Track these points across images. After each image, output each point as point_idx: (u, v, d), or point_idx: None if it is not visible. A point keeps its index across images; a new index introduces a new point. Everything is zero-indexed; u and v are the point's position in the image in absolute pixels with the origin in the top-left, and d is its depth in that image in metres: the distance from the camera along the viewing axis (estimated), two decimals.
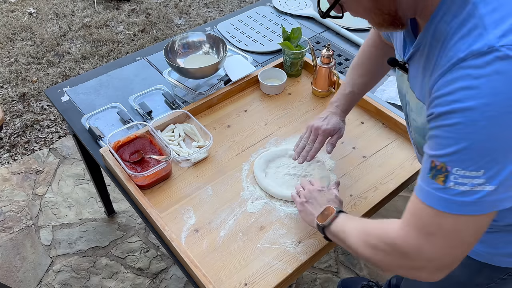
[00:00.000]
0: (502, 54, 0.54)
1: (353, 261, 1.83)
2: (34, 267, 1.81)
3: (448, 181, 0.59)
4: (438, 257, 0.65)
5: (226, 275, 1.00)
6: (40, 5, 3.27)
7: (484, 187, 0.58)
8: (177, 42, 1.47)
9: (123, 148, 1.22)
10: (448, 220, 0.61)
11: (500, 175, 0.57)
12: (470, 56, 0.56)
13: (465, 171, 0.58)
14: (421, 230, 0.65)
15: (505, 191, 0.59)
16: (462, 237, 0.63)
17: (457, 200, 0.60)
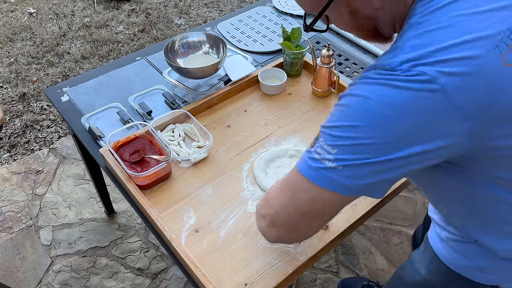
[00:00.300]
0: (394, 74, 0.60)
1: (353, 261, 1.83)
2: (34, 267, 1.81)
3: (313, 147, 0.67)
4: (281, 209, 0.73)
5: (226, 275, 1.00)
6: (40, 5, 3.27)
7: (329, 163, 0.64)
8: (177, 42, 1.47)
9: (123, 148, 1.22)
10: (296, 176, 0.69)
11: (349, 161, 0.63)
12: (379, 68, 0.63)
13: (325, 144, 0.65)
14: (283, 180, 0.73)
15: (347, 177, 0.64)
16: (297, 198, 0.69)
17: (306, 162, 0.67)
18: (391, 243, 1.89)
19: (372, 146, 0.61)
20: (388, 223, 1.96)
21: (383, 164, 0.62)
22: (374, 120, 0.60)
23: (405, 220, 1.97)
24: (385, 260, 1.83)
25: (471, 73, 0.58)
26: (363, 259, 1.84)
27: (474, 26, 0.59)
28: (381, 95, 0.60)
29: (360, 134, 0.61)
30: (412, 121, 0.59)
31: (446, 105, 0.58)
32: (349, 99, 0.64)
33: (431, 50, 0.59)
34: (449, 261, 0.91)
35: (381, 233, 1.93)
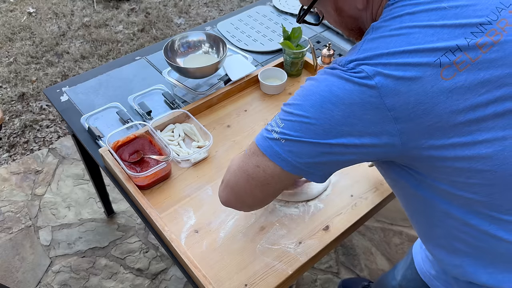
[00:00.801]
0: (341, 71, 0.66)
1: (354, 261, 1.83)
2: (33, 267, 1.80)
3: (272, 120, 0.74)
4: (232, 171, 0.79)
5: (226, 275, 1.00)
6: (39, 4, 3.26)
7: (276, 134, 0.70)
8: (177, 42, 1.47)
9: (122, 148, 1.21)
10: (251, 145, 0.75)
11: (290, 137, 0.68)
12: (337, 62, 0.69)
13: (278, 118, 0.72)
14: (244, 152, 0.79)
15: (288, 152, 0.69)
16: (247, 163, 0.75)
17: (261, 132, 0.74)
18: (392, 244, 1.88)
19: (310, 127, 0.66)
20: (388, 224, 1.95)
21: (318, 147, 0.67)
22: (316, 102, 0.66)
23: (406, 220, 1.96)
24: (386, 260, 1.83)
25: (406, 79, 0.61)
26: (364, 259, 1.84)
27: (421, 38, 0.63)
28: (328, 82, 0.66)
29: (303, 113, 0.67)
30: (347, 110, 0.64)
31: (379, 102, 0.62)
32: (307, 82, 0.71)
33: (376, 53, 0.64)
34: (421, 270, 0.93)
35: (382, 233, 1.92)
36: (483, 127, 0.63)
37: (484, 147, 0.63)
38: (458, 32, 0.63)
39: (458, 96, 0.61)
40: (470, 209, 0.69)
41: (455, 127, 0.62)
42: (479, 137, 0.63)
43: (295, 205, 1.13)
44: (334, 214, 1.11)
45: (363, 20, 0.76)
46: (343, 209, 1.12)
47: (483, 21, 0.64)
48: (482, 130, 0.63)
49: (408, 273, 0.98)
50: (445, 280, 0.86)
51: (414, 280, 0.95)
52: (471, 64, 0.62)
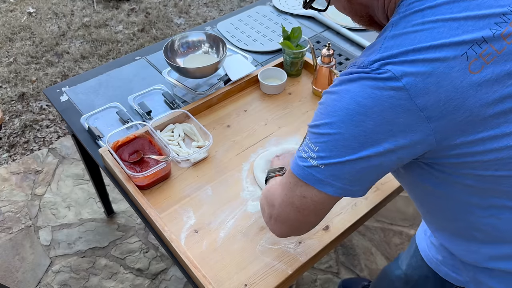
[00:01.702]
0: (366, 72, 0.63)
1: (354, 261, 1.83)
2: (33, 267, 1.80)
3: (301, 145, 0.71)
4: (278, 206, 0.77)
5: (226, 275, 1.00)
6: (39, 4, 3.26)
7: (313, 161, 0.68)
8: (177, 42, 1.47)
9: (122, 148, 1.21)
10: (290, 175, 0.73)
11: (329, 160, 0.66)
12: (357, 64, 0.66)
13: (309, 142, 0.69)
14: (282, 179, 0.78)
15: (332, 177, 0.67)
16: (292, 196, 0.73)
17: (296, 161, 0.71)
18: (392, 244, 1.88)
19: (346, 143, 0.64)
20: (388, 224, 1.95)
21: (358, 162, 0.65)
22: (345, 117, 0.64)
23: (406, 220, 1.96)
24: (386, 260, 1.83)
25: (434, 75, 0.60)
26: (364, 259, 1.84)
27: (446, 32, 0.61)
28: (352, 92, 0.63)
29: (335, 130, 0.65)
30: (379, 118, 0.62)
31: (409, 104, 0.60)
32: (327, 97, 0.68)
33: (401, 51, 0.62)
34: (427, 256, 0.93)
35: (382, 233, 1.92)
36: (510, 119, 0.62)
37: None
38: (482, 24, 0.61)
39: (486, 89, 0.61)
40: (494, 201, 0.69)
41: (484, 121, 0.62)
42: (507, 129, 0.63)
43: None
44: (334, 214, 1.11)
45: (373, 8, 0.74)
46: (343, 209, 1.12)
47: (505, 10, 0.62)
48: (509, 121, 0.62)
49: (413, 261, 0.98)
50: (452, 265, 0.87)
51: (419, 268, 0.96)
52: (497, 56, 0.61)
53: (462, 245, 0.81)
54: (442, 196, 0.73)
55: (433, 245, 0.91)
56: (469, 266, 0.83)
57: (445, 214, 0.78)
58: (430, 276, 0.93)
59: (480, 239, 0.77)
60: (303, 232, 0.80)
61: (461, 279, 0.87)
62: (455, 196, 0.72)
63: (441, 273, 0.90)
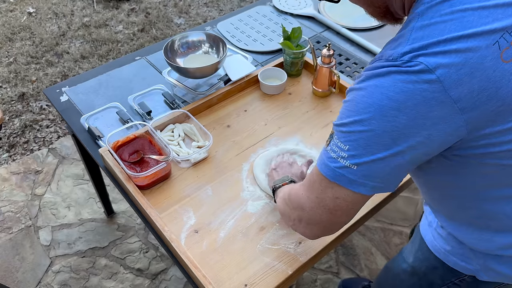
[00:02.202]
0: (396, 65, 0.61)
1: (354, 261, 1.83)
2: (33, 267, 1.80)
3: (329, 145, 0.69)
4: (308, 209, 0.75)
5: (226, 275, 0.99)
6: (39, 4, 3.26)
7: (344, 161, 0.66)
8: (177, 42, 1.47)
9: (122, 148, 1.21)
10: (318, 177, 0.71)
11: (361, 158, 0.64)
12: (384, 58, 0.64)
13: (338, 141, 0.67)
14: (306, 182, 0.76)
15: (364, 177, 0.66)
16: (323, 198, 0.71)
17: (325, 161, 0.69)
18: (392, 244, 1.88)
19: (378, 139, 0.63)
20: (388, 224, 1.95)
21: (391, 159, 0.64)
22: (377, 113, 0.62)
23: (406, 220, 1.96)
24: (386, 260, 1.83)
25: (467, 66, 0.59)
26: (364, 259, 1.84)
27: (476, 21, 0.60)
28: (383, 87, 0.62)
29: (366, 127, 0.63)
30: (412, 112, 0.60)
31: (443, 96, 0.59)
32: (355, 93, 0.66)
33: (432, 41, 0.60)
34: (434, 247, 0.93)
35: (382, 233, 1.92)
36: None
37: None
38: (511, 11, 0.61)
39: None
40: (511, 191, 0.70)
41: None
42: None
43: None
44: None
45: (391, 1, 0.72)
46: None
47: None
48: None
49: (419, 254, 0.98)
50: (461, 254, 0.88)
51: (427, 259, 0.96)
52: None
53: (474, 233, 0.81)
54: (460, 186, 0.74)
55: (440, 236, 0.92)
56: (480, 254, 0.84)
57: (460, 204, 0.78)
58: (438, 266, 0.93)
59: (494, 228, 0.78)
60: (334, 232, 0.79)
61: (471, 268, 0.88)
62: (473, 186, 0.72)
63: (450, 263, 0.90)
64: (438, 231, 0.92)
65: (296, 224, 0.82)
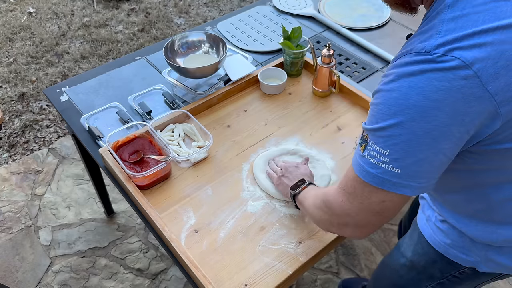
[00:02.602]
0: (430, 59, 0.60)
1: (354, 261, 1.83)
2: (33, 267, 1.80)
3: (365, 150, 0.68)
4: (355, 215, 0.74)
5: (226, 275, 1.00)
6: (39, 4, 3.26)
7: (386, 165, 0.65)
8: (177, 42, 1.47)
9: (122, 148, 1.21)
10: (359, 184, 0.70)
11: (404, 161, 0.64)
12: (413, 52, 0.62)
13: (377, 146, 0.66)
14: (344, 188, 0.75)
15: (409, 178, 0.65)
16: (370, 204, 0.71)
17: (366, 169, 0.68)
18: (392, 243, 1.88)
19: (420, 140, 0.62)
20: (388, 224, 1.95)
21: (434, 158, 0.64)
22: (415, 115, 0.61)
23: None
24: None
25: (503, 58, 0.58)
26: (364, 259, 1.84)
27: (510, 11, 0.59)
28: (418, 87, 0.60)
29: (405, 130, 0.62)
30: (451, 110, 0.60)
31: (482, 91, 0.59)
32: (386, 95, 0.64)
33: (466, 33, 0.59)
34: (434, 241, 0.94)
35: (382, 233, 1.92)
36: None
37: None
38: None
39: None
40: None
41: None
42: None
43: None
44: None
45: None
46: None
47: None
48: None
49: (418, 248, 0.99)
50: (461, 247, 0.88)
51: (426, 253, 0.96)
52: None
53: (478, 226, 0.82)
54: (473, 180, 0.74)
55: (440, 230, 0.92)
56: (481, 246, 0.85)
57: (467, 198, 0.79)
58: (438, 260, 0.94)
59: (498, 221, 0.79)
60: (381, 226, 0.80)
61: (471, 260, 0.89)
62: (486, 179, 0.73)
63: (450, 256, 0.91)
64: (438, 225, 0.93)
65: (342, 229, 0.81)
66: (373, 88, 1.47)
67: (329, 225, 0.83)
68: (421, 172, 0.65)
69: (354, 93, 1.39)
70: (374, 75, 1.55)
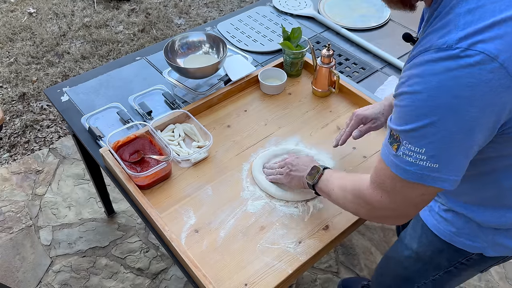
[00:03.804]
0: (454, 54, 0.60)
1: (353, 261, 1.83)
2: (34, 267, 1.80)
3: (399, 150, 0.69)
4: (396, 208, 0.77)
5: (226, 275, 1.00)
6: (40, 5, 3.27)
7: (424, 162, 0.67)
8: (177, 42, 1.47)
9: (123, 148, 1.22)
10: (398, 181, 0.72)
11: (441, 157, 0.65)
12: (433, 48, 0.62)
13: (411, 146, 0.67)
14: (381, 186, 0.77)
15: (448, 172, 0.67)
16: (410, 198, 0.73)
17: (404, 168, 0.69)
18: (392, 243, 1.89)
19: (455, 136, 0.63)
20: None
21: (468, 151, 0.66)
22: (447, 113, 0.62)
23: None
24: None
25: None
26: (363, 259, 1.84)
27: None
28: (446, 87, 0.61)
29: (438, 128, 0.63)
30: (482, 104, 0.61)
31: (509, 81, 0.60)
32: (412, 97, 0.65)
33: (486, 24, 0.60)
34: (439, 230, 0.95)
35: (382, 233, 1.93)
36: None
37: None
38: None
39: None
40: None
41: None
42: None
43: (295, 205, 1.14)
44: (334, 213, 1.12)
45: None
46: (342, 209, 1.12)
47: None
48: None
49: (423, 239, 0.99)
50: (468, 234, 0.90)
51: (431, 243, 0.97)
52: None
53: (486, 212, 0.84)
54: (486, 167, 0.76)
55: (444, 219, 0.93)
56: (488, 230, 0.87)
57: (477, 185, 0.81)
58: (444, 249, 0.95)
59: (508, 205, 0.81)
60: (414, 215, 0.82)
61: (478, 245, 0.90)
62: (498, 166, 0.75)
63: (457, 244, 0.92)
64: (441, 214, 0.94)
65: (383, 220, 0.85)
66: (373, 88, 1.48)
67: (368, 217, 0.87)
68: (457, 165, 0.67)
69: (354, 93, 1.39)
70: (373, 75, 1.55)
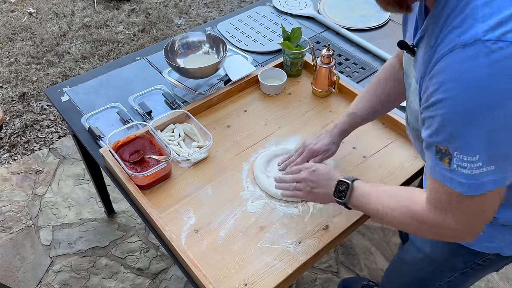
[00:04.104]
0: (484, 48, 0.59)
1: (354, 261, 1.83)
2: (34, 267, 1.80)
3: (452, 163, 0.66)
4: (462, 227, 0.73)
5: (226, 275, 1.00)
6: (40, 5, 3.27)
7: (482, 169, 0.64)
8: (177, 42, 1.47)
9: (123, 148, 1.22)
10: (460, 199, 0.69)
11: (495, 156, 0.64)
12: (458, 47, 0.61)
13: (463, 156, 0.65)
14: (440, 206, 0.73)
15: (503, 171, 0.65)
16: (476, 211, 0.70)
17: (462, 182, 0.66)
18: (391, 243, 1.89)
19: (501, 134, 0.62)
20: None
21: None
22: (489, 113, 0.61)
23: None
24: (385, 260, 1.83)
25: None
26: (363, 259, 1.84)
27: None
28: (483, 86, 0.60)
29: (486, 130, 0.62)
30: None
31: None
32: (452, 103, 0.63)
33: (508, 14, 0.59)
34: None
35: (381, 233, 1.93)
36: None
37: None
38: None
39: None
40: None
41: None
42: None
43: (295, 205, 1.14)
44: (334, 213, 1.12)
45: None
46: (342, 209, 1.12)
47: None
48: None
49: (437, 242, 0.98)
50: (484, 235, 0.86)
51: (445, 246, 0.96)
52: None
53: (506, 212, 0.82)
54: None
55: None
56: (504, 230, 0.85)
57: None
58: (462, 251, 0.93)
59: None
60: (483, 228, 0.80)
61: (495, 246, 0.89)
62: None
63: (473, 247, 0.91)
64: None
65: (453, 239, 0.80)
66: None
67: (434, 236, 0.81)
68: (510, 161, 0.65)
69: (354, 93, 1.39)
70: (373, 75, 1.55)
